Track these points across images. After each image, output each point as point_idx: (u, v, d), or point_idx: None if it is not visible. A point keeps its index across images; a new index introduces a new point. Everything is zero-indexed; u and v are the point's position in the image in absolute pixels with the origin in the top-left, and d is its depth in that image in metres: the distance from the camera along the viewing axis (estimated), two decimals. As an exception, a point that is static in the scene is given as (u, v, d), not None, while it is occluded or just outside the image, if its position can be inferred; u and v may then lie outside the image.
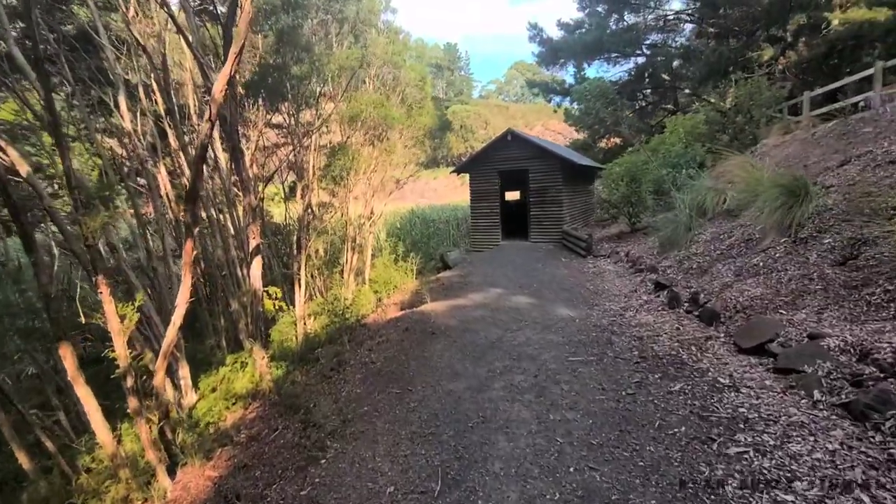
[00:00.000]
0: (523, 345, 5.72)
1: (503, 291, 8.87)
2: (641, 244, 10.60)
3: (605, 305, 7.21)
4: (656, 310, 6.40)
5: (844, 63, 17.56)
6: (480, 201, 15.48)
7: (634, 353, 5.00)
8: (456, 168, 16.88)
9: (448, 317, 7.52)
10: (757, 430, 3.18)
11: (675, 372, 4.33)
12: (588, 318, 6.59)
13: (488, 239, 15.39)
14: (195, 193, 4.40)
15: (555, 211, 14.34)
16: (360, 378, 5.63)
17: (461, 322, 7.06)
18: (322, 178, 12.63)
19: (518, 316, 7.05)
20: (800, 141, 10.63)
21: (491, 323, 6.84)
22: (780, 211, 6.10)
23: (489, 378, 4.83)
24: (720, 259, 6.72)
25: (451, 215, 25.58)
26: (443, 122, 13.61)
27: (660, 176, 11.40)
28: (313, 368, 8.15)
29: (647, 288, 7.48)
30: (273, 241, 14.15)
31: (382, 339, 7.05)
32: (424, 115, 11.22)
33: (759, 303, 4.97)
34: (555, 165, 14.21)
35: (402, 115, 9.93)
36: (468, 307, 7.97)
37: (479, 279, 10.34)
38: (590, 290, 8.39)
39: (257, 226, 6.68)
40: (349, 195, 11.71)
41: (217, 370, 7.72)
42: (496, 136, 15.24)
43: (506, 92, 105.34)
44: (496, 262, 12.29)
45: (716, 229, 8.09)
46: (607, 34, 21.36)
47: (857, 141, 7.73)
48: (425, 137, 12.25)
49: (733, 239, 7.10)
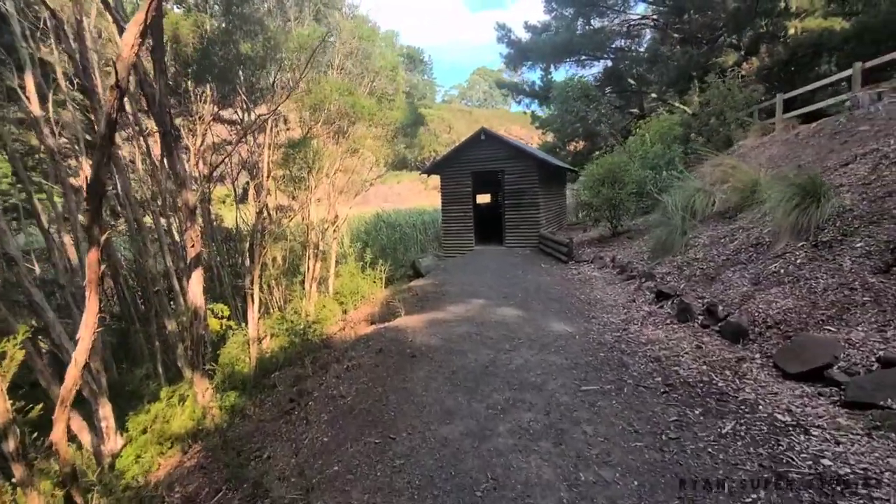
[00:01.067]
0: (522, 369, 4.85)
1: (486, 302, 8.00)
2: (627, 248, 10.05)
3: (603, 318, 6.47)
4: (664, 323, 5.70)
5: (804, 70, 18.07)
6: (452, 204, 14.61)
7: (657, 378, 4.23)
8: (426, 169, 15.96)
9: (428, 334, 6.55)
10: (861, 495, 2.42)
11: (718, 406, 3.57)
12: (588, 334, 5.81)
13: (461, 244, 14.54)
14: (98, 187, 3.24)
15: (531, 214, 13.69)
16: (327, 419, 4.55)
17: (444, 341, 6.11)
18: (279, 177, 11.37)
19: (509, 332, 6.18)
20: (781, 142, 10.44)
21: (479, 342, 5.93)
22: (795, 212, 5.56)
23: (490, 418, 3.91)
24: (728, 265, 6.13)
25: (418, 219, 24.60)
26: (415, 117, 12.63)
27: (642, 177, 10.94)
28: (269, 398, 6.97)
29: (647, 297, 6.81)
30: (224, 248, 12.69)
31: (352, 364, 5.98)
32: (396, 109, 10.23)
33: (795, 317, 4.32)
34: (531, 166, 13.57)
35: (373, 104, 8.91)
36: (450, 322, 7.03)
37: (456, 288, 9.43)
38: (581, 299, 7.66)
39: (196, 231, 5.47)
40: (311, 197, 10.53)
41: (150, 405, 6.38)
42: (469, 136, 14.46)
43: (469, 97, 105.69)
44: (472, 268, 11.44)
45: (712, 232, 7.56)
46: (577, 36, 21.16)
47: (853, 140, 7.43)
48: (396, 135, 11.25)
49: (737, 243, 6.55)
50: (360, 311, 10.83)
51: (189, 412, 6.17)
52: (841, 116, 8.54)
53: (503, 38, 25.25)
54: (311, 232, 10.62)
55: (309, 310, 10.20)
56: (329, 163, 9.76)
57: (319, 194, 10.90)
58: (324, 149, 8.50)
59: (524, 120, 58.94)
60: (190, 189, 5.35)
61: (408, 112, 11.71)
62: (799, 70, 18.28)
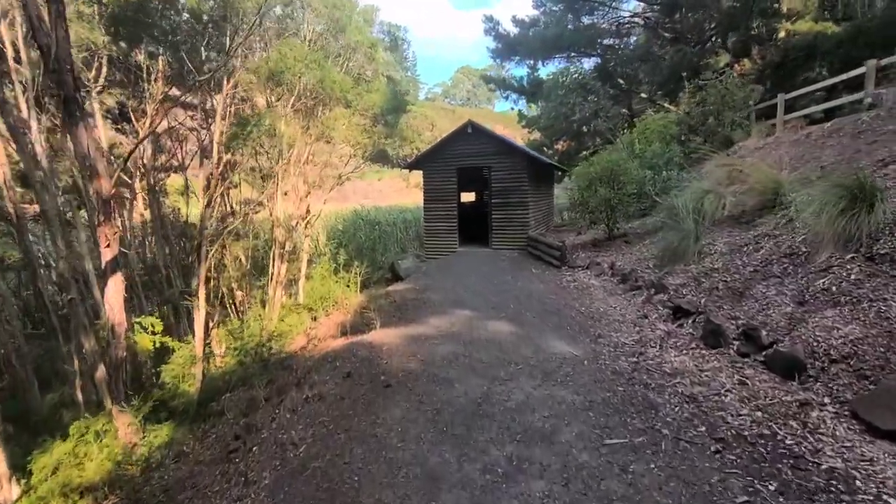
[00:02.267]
0: (524, 409, 3.85)
1: (473, 314, 6.99)
2: (627, 254, 9.19)
3: (612, 337, 5.54)
4: (689, 347, 4.80)
5: (797, 73, 17.72)
6: (436, 202, 13.55)
7: (700, 428, 3.30)
8: (408, 164, 14.85)
9: (406, 354, 5.50)
10: None
11: (797, 478, 2.64)
12: (598, 359, 4.86)
13: (444, 245, 13.49)
14: None
15: (519, 214, 12.75)
16: (269, 482, 3.46)
17: (426, 365, 5.08)
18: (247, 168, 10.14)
19: (503, 354, 5.18)
20: (789, 142, 9.76)
21: (468, 366, 4.92)
22: (842, 218, 4.73)
23: (490, 489, 2.90)
24: (758, 278, 5.28)
25: (399, 217, 23.49)
26: (397, 103, 11.40)
27: (642, 177, 10.11)
28: (215, 429, 5.82)
29: (661, 313, 5.91)
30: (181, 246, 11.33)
31: (314, 394, 4.89)
32: (374, 91, 9.09)
33: (870, 350, 3.45)
34: (521, 163, 12.62)
35: (346, 81, 7.72)
36: (432, 339, 5.99)
37: (440, 296, 8.40)
38: (582, 312, 6.72)
39: (114, 228, 4.29)
40: (276, 190, 9.34)
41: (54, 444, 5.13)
42: (455, 129, 13.42)
43: (452, 95, 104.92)
44: (457, 272, 10.42)
45: (729, 239, 6.73)
46: (568, 31, 20.34)
47: (884, 139, 6.71)
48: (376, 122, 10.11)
49: (765, 252, 5.71)
50: (331, 318, 9.68)
51: (108, 452, 4.97)
52: (863, 115, 7.86)
53: (490, 30, 24.31)
54: (276, 229, 9.41)
55: (273, 317, 9.01)
56: (297, 151, 8.59)
57: (287, 187, 9.69)
58: (287, 131, 7.26)
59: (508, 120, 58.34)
60: (104, 176, 4.16)
61: (388, 97, 10.57)
62: (792, 73, 17.91)
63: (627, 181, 9.68)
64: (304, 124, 8.30)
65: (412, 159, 14.60)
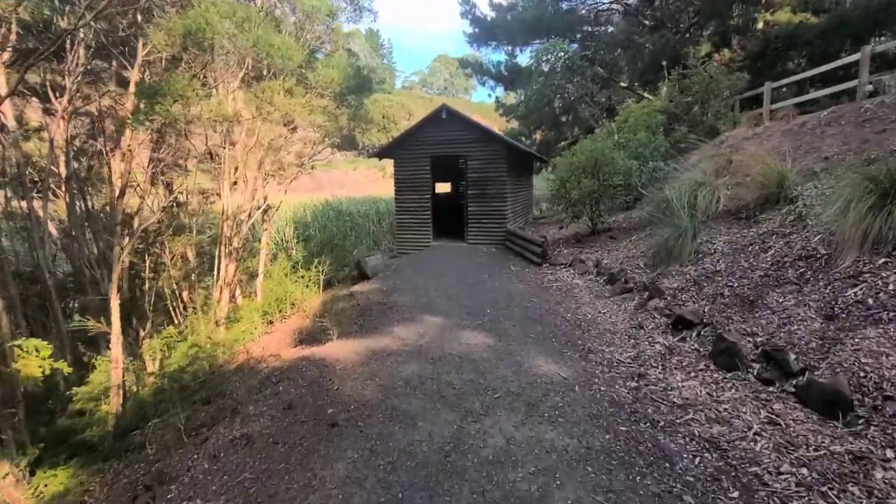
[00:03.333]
0: (504, 461, 3.01)
1: (445, 322, 6.13)
2: (613, 251, 8.47)
3: (604, 352, 4.77)
4: (696, 368, 4.06)
5: (777, 63, 17.42)
6: (408, 192, 12.56)
7: (733, 494, 2.52)
8: (378, 151, 13.78)
9: (362, 376, 4.60)
10: None
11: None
12: (592, 383, 4.07)
13: (417, 239, 12.56)
14: None
15: (497, 207, 11.91)
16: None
17: (384, 391, 4.18)
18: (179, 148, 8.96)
19: (478, 377, 4.34)
20: (781, 132, 9.19)
21: (435, 394, 4.05)
22: (871, 216, 4.04)
23: None
24: (771, 284, 4.57)
25: (371, 208, 22.43)
26: (360, 81, 10.27)
27: (628, 168, 9.39)
28: (130, 468, 4.81)
29: (658, 322, 5.17)
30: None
31: (243, 434, 3.93)
32: (333, 67, 7.97)
33: (938, 386, 2.74)
34: (499, 152, 11.75)
35: (288, 43, 6.51)
36: (395, 355, 5.10)
37: (408, 298, 7.51)
38: (568, 320, 5.94)
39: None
40: (223, 178, 8.19)
41: None
42: (428, 114, 12.41)
43: (429, 84, 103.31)
44: (429, 270, 9.52)
45: (730, 237, 6.06)
46: (549, 13, 19.44)
47: (894, 127, 6.12)
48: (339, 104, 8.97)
49: (774, 253, 5.02)
50: (288, 323, 8.66)
51: (-23, 511, 3.90)
52: (864, 102, 7.28)
53: (467, 13, 23.16)
54: (224, 223, 8.28)
55: (219, 324, 7.93)
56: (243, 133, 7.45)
57: (238, 175, 8.54)
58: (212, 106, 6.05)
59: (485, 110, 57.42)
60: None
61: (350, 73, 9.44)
62: (772, 63, 17.61)
63: (613, 172, 8.93)
64: (246, 99, 7.13)
65: (381, 147, 13.52)
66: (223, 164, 7.92)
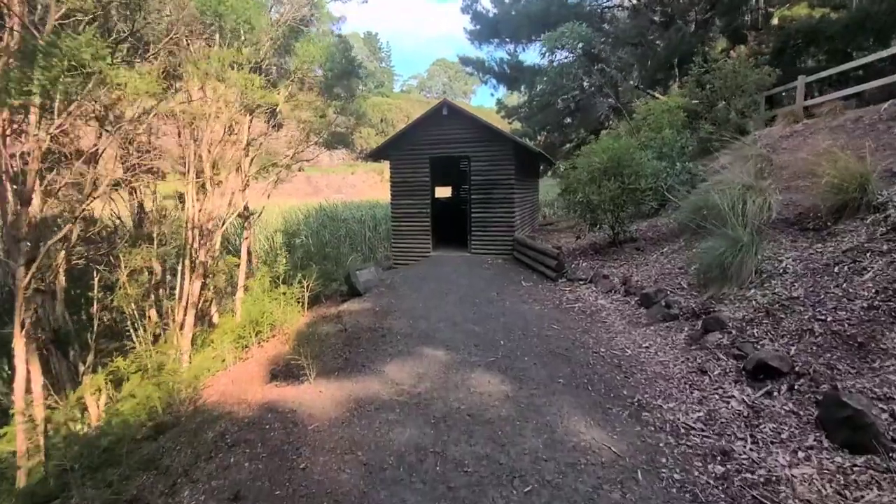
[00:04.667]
0: None
1: (449, 357, 4.95)
2: (642, 265, 7.31)
3: (662, 410, 3.59)
4: (805, 445, 2.88)
5: (797, 59, 16.43)
6: (405, 197, 11.40)
7: None
8: (372, 152, 12.64)
9: (341, 449, 3.41)
10: None
11: None
12: (656, 462, 2.91)
13: (415, 248, 11.39)
14: None
15: (504, 213, 10.76)
16: None
17: (368, 478, 3.00)
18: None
19: (497, 451, 3.16)
20: (829, 129, 8.09)
21: (440, 483, 2.87)
22: None
23: None
24: (884, 321, 3.42)
25: (368, 214, 21.25)
26: (347, 65, 9.31)
27: (656, 169, 8.26)
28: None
29: (725, 366, 3.99)
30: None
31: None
32: (312, 45, 6.82)
33: None
34: (506, 153, 10.61)
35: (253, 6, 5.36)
36: (385, 409, 3.92)
37: (404, 323, 6.33)
38: (601, 356, 4.77)
39: None
40: (188, 179, 7.03)
41: None
42: (427, 110, 11.28)
43: (428, 88, 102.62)
44: (429, 286, 8.34)
45: (800, 253, 4.92)
46: (555, 6, 18.37)
47: None
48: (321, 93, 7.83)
49: (875, 276, 3.87)
50: (265, 349, 7.47)
51: None
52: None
53: (468, 8, 22.13)
54: (189, 232, 7.10)
55: (180, 353, 6.73)
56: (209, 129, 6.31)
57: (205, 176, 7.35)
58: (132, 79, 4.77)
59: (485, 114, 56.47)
60: None
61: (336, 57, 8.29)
62: (793, 59, 16.62)
63: (640, 174, 7.79)
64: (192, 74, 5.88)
65: (376, 148, 12.37)
66: (187, 164, 6.76)
